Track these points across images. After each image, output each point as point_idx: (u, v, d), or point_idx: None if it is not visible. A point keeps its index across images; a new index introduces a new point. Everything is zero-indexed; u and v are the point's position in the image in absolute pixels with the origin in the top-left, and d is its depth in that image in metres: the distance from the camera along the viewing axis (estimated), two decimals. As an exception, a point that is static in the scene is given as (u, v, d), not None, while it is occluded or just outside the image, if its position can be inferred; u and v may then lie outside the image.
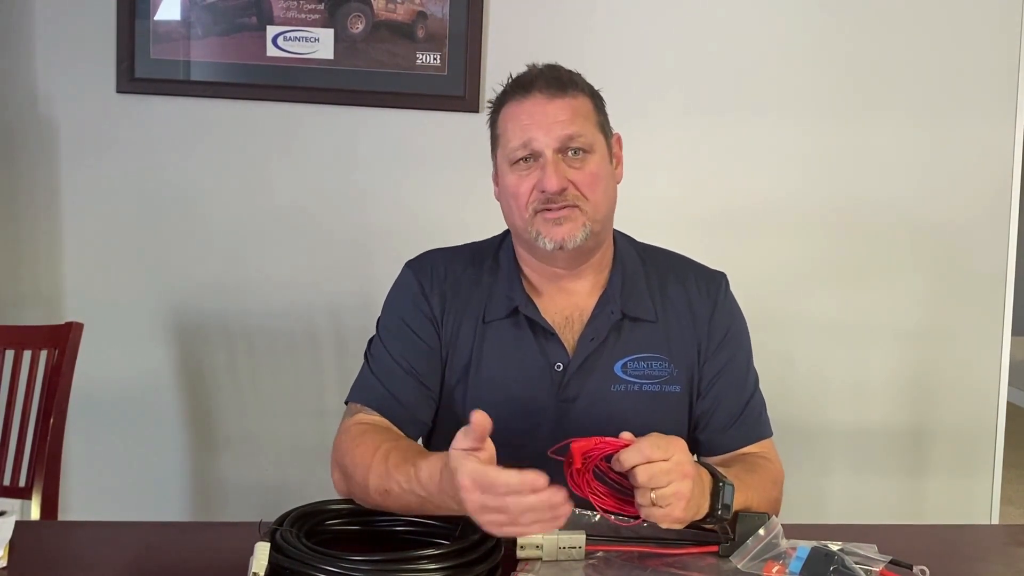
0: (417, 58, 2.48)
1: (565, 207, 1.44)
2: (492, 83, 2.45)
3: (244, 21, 2.45)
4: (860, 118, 2.58)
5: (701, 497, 1.26)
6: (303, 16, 2.46)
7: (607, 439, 1.25)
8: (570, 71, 1.50)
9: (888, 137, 2.59)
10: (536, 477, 1.12)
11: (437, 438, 1.54)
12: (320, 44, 2.46)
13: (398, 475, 1.29)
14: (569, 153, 1.45)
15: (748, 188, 2.57)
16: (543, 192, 1.44)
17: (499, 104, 1.51)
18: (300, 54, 2.46)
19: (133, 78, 2.44)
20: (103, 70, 2.45)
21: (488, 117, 1.55)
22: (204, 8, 2.44)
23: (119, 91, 2.45)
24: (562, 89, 1.46)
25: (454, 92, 2.48)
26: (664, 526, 1.25)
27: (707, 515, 1.28)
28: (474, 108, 2.47)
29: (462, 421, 1.50)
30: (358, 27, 2.47)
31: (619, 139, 1.55)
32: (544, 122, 1.44)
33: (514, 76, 1.51)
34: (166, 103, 2.47)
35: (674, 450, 1.23)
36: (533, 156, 1.45)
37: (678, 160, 2.55)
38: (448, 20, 2.47)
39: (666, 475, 1.21)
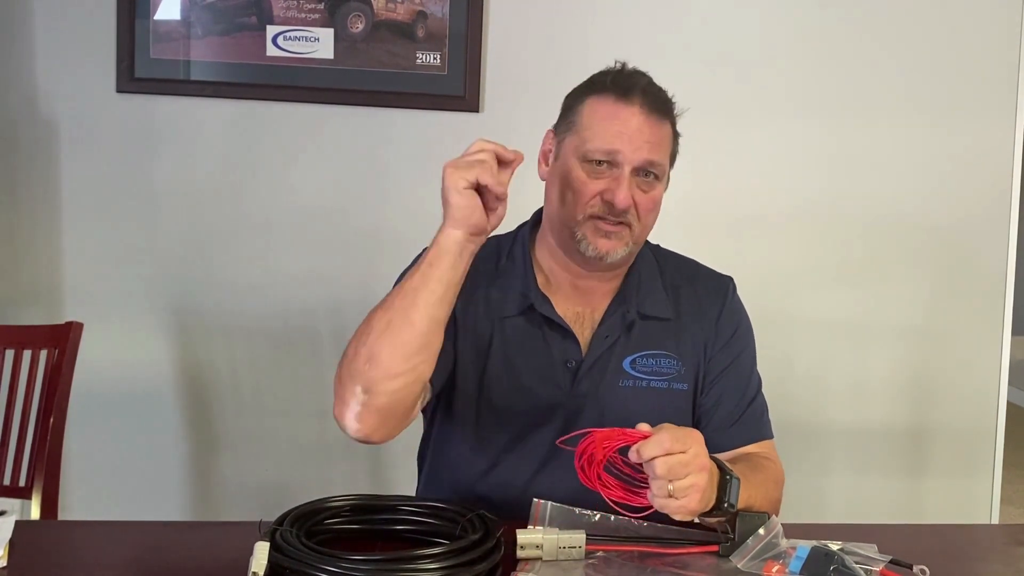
0: (417, 58, 2.48)
1: (620, 223, 1.45)
2: (492, 83, 2.49)
3: (244, 21, 2.45)
4: (860, 118, 2.57)
5: (711, 490, 1.27)
6: (303, 16, 2.46)
7: (626, 430, 1.25)
8: (667, 93, 1.51)
9: (888, 137, 2.58)
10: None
11: (450, 431, 1.54)
12: (320, 44, 2.46)
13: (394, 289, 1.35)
14: (641, 174, 1.45)
15: (748, 188, 2.57)
16: (608, 202, 1.44)
17: (589, 91, 1.49)
18: (300, 54, 2.46)
19: (133, 77, 2.44)
20: (103, 69, 2.45)
21: (568, 95, 1.52)
22: (204, 8, 2.44)
23: (119, 90, 2.45)
24: (660, 112, 1.47)
25: (454, 92, 2.48)
26: (677, 518, 1.25)
27: (713, 508, 1.28)
28: (474, 108, 2.47)
29: (475, 417, 1.50)
30: (358, 27, 2.47)
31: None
32: (636, 139, 1.44)
33: (615, 70, 1.50)
34: (166, 102, 2.47)
35: (692, 442, 1.24)
36: (610, 164, 1.45)
37: (680, 160, 2.54)
38: (448, 20, 2.47)
39: (684, 467, 1.23)
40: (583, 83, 1.52)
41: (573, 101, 1.51)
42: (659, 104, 1.47)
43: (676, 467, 1.22)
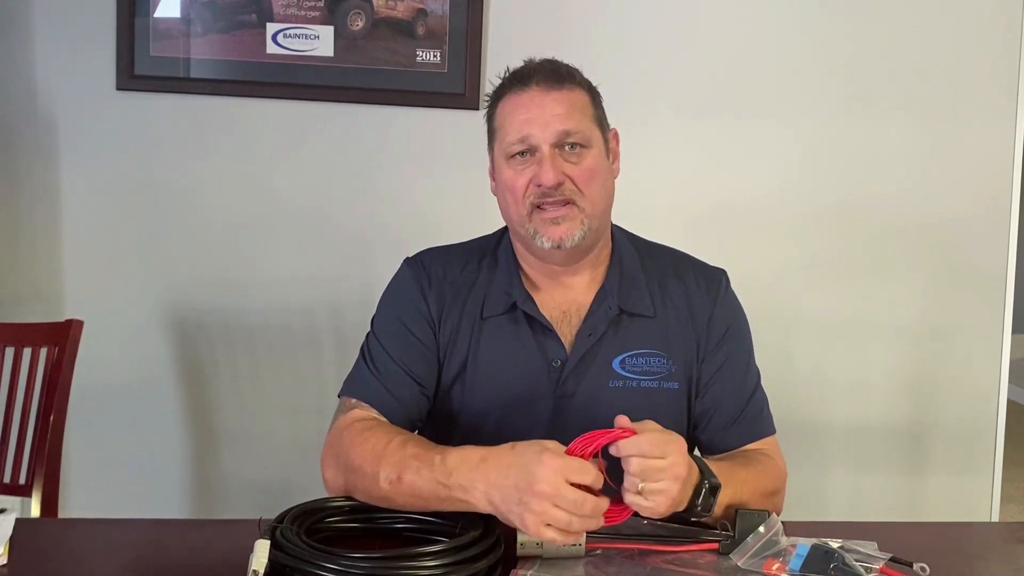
0: (417, 55, 2.48)
1: (563, 203, 1.44)
2: (492, 80, 2.47)
3: (244, 18, 2.45)
4: (861, 116, 2.57)
5: (684, 494, 1.26)
6: (303, 13, 2.45)
7: (606, 431, 1.23)
8: (568, 65, 1.50)
9: (889, 135, 2.58)
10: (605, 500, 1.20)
11: (430, 437, 1.54)
12: (320, 41, 2.46)
13: (417, 462, 1.28)
14: (566, 148, 1.44)
15: (749, 185, 2.57)
16: (539, 186, 1.43)
17: (496, 98, 1.51)
18: (300, 51, 2.46)
19: (133, 75, 2.44)
20: (103, 67, 2.45)
21: (485, 111, 1.54)
22: (204, 5, 2.44)
23: (119, 88, 2.45)
24: (559, 82, 1.45)
25: (454, 89, 2.48)
26: (643, 514, 1.25)
27: (686, 509, 1.28)
28: (474, 105, 2.47)
29: (457, 418, 1.51)
30: (358, 24, 2.46)
31: (616, 134, 1.55)
32: (541, 116, 1.43)
33: (511, 69, 1.51)
34: (166, 100, 2.47)
35: (672, 450, 1.23)
36: (530, 151, 1.44)
37: (678, 157, 2.55)
38: (448, 17, 2.47)
39: (658, 472, 1.22)
40: (492, 92, 1.52)
41: (489, 111, 1.52)
42: (557, 75, 1.46)
43: (650, 470, 1.21)
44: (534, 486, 1.16)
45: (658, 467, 1.22)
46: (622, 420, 1.25)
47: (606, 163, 1.49)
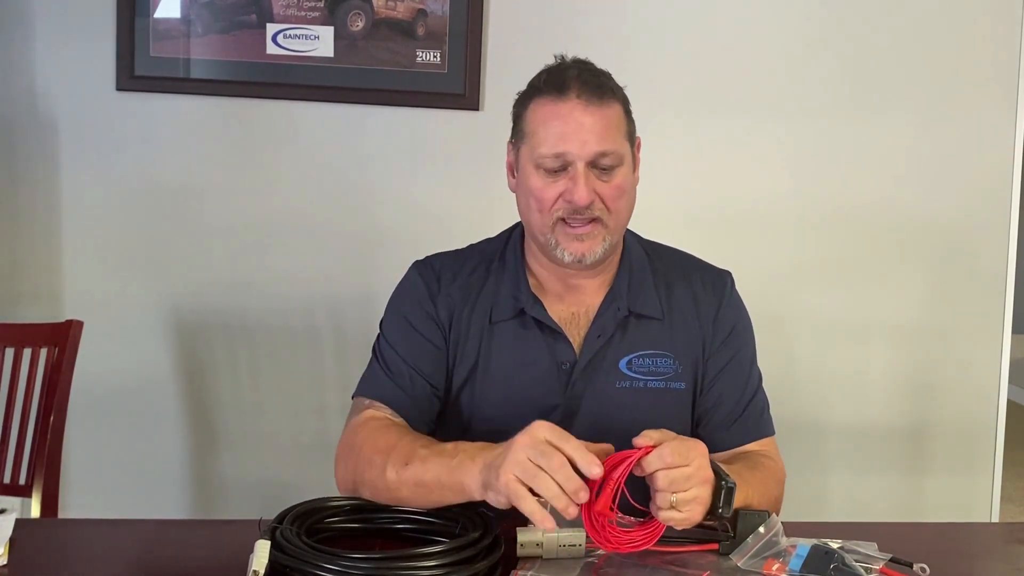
0: (417, 56, 2.48)
1: (589, 221, 1.43)
2: (492, 81, 2.49)
3: (244, 19, 2.45)
4: (861, 117, 2.58)
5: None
6: (303, 14, 2.45)
7: (627, 452, 1.22)
8: (604, 72, 1.47)
9: (889, 135, 2.59)
10: (595, 459, 1.17)
11: (444, 425, 1.55)
12: (320, 42, 2.46)
13: (425, 451, 1.32)
14: (598, 166, 1.43)
15: (749, 187, 2.57)
16: (570, 203, 1.42)
17: (528, 97, 1.48)
18: (300, 52, 2.46)
19: (133, 76, 2.44)
20: (103, 68, 2.45)
21: (514, 104, 1.51)
22: (204, 6, 2.44)
23: (119, 89, 2.45)
24: (599, 97, 1.43)
25: (454, 90, 2.48)
26: (679, 528, 1.25)
27: (707, 512, 1.28)
28: (474, 106, 2.47)
29: (469, 422, 1.51)
30: (358, 25, 2.46)
31: (639, 143, 1.54)
32: (579, 134, 1.41)
33: (548, 68, 1.47)
34: (166, 101, 2.47)
35: (695, 455, 1.24)
36: (563, 165, 1.43)
37: (679, 159, 2.55)
38: (448, 18, 2.47)
39: (687, 480, 1.22)
40: (525, 88, 1.50)
41: (519, 109, 1.50)
42: (597, 89, 1.43)
43: (678, 480, 1.22)
44: (513, 442, 1.20)
45: (686, 475, 1.22)
46: (640, 440, 1.24)
47: (632, 178, 1.49)
